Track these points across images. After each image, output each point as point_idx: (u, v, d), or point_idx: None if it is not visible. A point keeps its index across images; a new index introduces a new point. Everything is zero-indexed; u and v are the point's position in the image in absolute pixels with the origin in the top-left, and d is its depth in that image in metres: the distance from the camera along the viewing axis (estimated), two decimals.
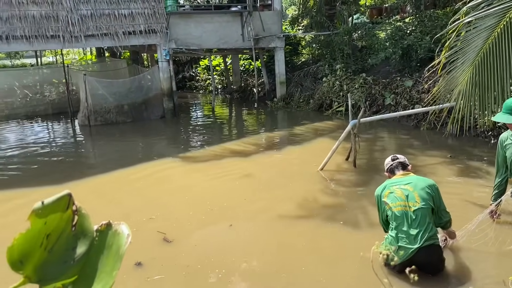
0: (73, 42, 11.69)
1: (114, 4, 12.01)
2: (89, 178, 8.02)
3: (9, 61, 28.35)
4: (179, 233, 5.19)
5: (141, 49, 17.11)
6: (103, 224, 1.21)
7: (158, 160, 9.07)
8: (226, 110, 16.85)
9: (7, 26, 10.94)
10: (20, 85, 16.30)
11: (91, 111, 12.94)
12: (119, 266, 1.13)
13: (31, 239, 1.07)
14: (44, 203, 1.08)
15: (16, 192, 7.45)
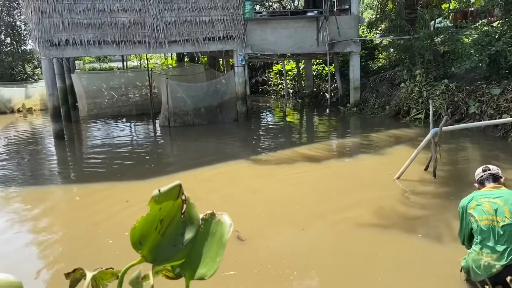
0: (157, 48, 12.46)
1: (196, 11, 12.60)
2: (168, 175, 8.48)
3: (98, 65, 30.80)
4: (252, 232, 5.31)
5: (218, 55, 17.74)
6: (208, 213, 1.32)
7: (231, 161, 9.34)
8: (298, 114, 16.88)
9: (99, 32, 11.93)
10: (108, 87, 17.67)
11: (171, 113, 13.67)
12: (222, 252, 1.22)
13: (148, 223, 1.20)
14: (161, 191, 1.21)
15: (104, 184, 8.12)
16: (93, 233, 5.66)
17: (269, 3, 22.25)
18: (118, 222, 6.00)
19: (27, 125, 16.68)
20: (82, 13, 11.64)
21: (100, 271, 1.36)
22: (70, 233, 5.82)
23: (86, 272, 1.34)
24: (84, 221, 6.16)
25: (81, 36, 11.67)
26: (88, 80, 17.54)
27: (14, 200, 7.59)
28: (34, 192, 8.03)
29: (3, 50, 23.67)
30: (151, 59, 28.36)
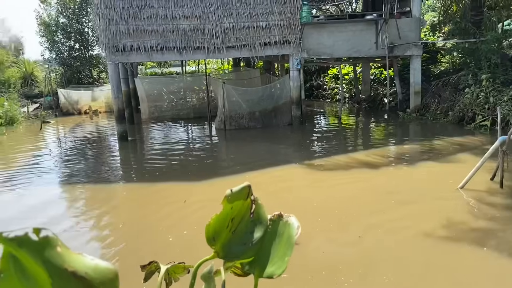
0: (215, 53, 12.79)
1: (254, 17, 12.80)
2: (223, 177, 8.67)
3: (159, 69, 32.08)
4: (306, 237, 5.29)
5: (274, 59, 17.86)
6: (276, 214, 1.36)
7: (285, 165, 9.37)
8: (353, 119, 16.57)
9: (162, 38, 12.45)
10: (167, 91, 18.37)
11: (227, 116, 13.96)
12: (290, 253, 1.26)
13: (221, 220, 1.26)
14: (232, 191, 1.27)
15: (163, 184, 8.45)
16: (154, 231, 5.92)
17: (326, 7, 22.07)
18: (177, 221, 6.23)
19: (93, 126, 17.74)
20: (146, 20, 12.22)
21: (173, 264, 1.44)
22: (132, 230, 6.12)
23: (160, 265, 1.43)
24: (145, 219, 6.45)
25: (145, 42, 12.25)
26: (150, 84, 18.33)
27: (80, 197, 8.11)
28: (98, 189, 8.53)
29: (72, 55, 25.33)
30: (209, 64, 29.09)
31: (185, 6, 12.37)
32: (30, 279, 0.80)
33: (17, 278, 0.80)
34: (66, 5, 24.49)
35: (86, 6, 24.51)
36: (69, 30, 24.78)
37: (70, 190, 8.64)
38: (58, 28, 24.75)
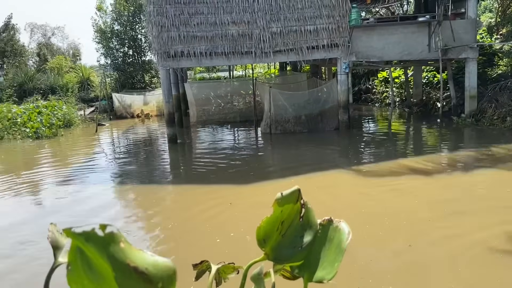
0: (262, 57, 12.89)
1: (301, 21, 12.78)
2: (269, 181, 8.70)
3: (207, 74, 32.80)
4: (354, 244, 5.16)
5: (321, 63, 17.72)
6: (325, 219, 1.36)
7: (331, 170, 9.25)
8: (404, 124, 16.06)
9: (211, 44, 12.73)
10: (215, 95, 18.73)
11: (272, 120, 14.00)
12: (341, 259, 1.25)
13: (271, 223, 1.28)
14: (283, 194, 1.28)
15: (209, 186, 8.61)
16: (202, 232, 6.04)
17: (376, 9, 21.61)
18: (223, 223, 6.33)
19: (145, 129, 18.41)
20: (196, 26, 12.54)
21: (223, 265, 1.48)
22: (181, 231, 6.28)
23: (211, 264, 1.47)
24: (193, 219, 6.61)
25: (194, 48, 12.57)
26: (198, 88, 18.78)
27: (131, 197, 8.44)
28: (149, 190, 8.83)
29: (126, 61, 26.45)
30: (255, 69, 29.35)
31: (233, 12, 12.58)
32: (95, 272, 0.85)
33: (83, 271, 0.86)
34: (121, 12, 25.64)
35: (139, 13, 25.54)
36: (123, 37, 25.92)
37: (123, 190, 9.02)
38: (113, 35, 25.95)
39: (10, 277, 5.05)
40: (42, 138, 16.32)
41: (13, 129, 17.00)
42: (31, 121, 17.33)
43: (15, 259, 5.56)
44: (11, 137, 16.59)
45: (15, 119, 17.59)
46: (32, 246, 5.92)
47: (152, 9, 12.33)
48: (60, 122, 18.29)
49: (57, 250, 1.05)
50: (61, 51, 31.47)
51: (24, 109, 18.92)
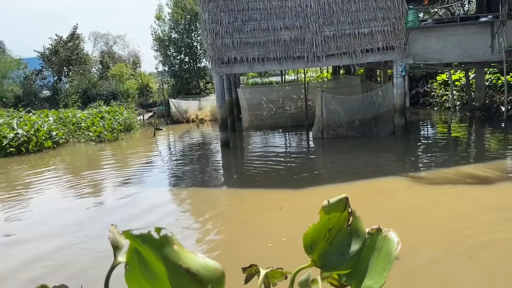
0: (315, 62, 12.82)
1: (355, 24, 12.57)
2: (319, 186, 8.63)
3: (259, 79, 33.10)
4: (409, 253, 5.01)
5: (376, 66, 17.31)
6: (374, 228, 1.35)
7: (386, 177, 8.98)
8: (465, 129, 15.25)
9: (263, 49, 12.86)
10: (267, 100, 18.87)
11: (324, 125, 13.86)
12: (389, 268, 1.24)
13: (318, 230, 1.30)
14: (330, 202, 1.29)
15: (260, 190, 8.68)
16: (253, 235, 6.11)
17: (434, 9, 20.77)
18: (275, 227, 6.36)
19: (199, 133, 18.92)
20: (249, 33, 12.73)
21: (272, 269, 1.51)
22: (232, 233, 6.39)
23: (260, 269, 1.50)
24: (244, 223, 6.70)
25: (247, 54, 12.76)
26: (251, 94, 19.02)
27: (185, 200, 8.71)
28: (202, 193, 9.07)
29: (183, 67, 27.37)
30: (307, 73, 29.19)
31: (286, 17, 12.64)
32: (150, 272, 0.92)
33: (140, 270, 0.92)
34: (178, 21, 26.59)
35: (195, 21, 26.35)
36: (180, 44, 26.85)
37: (177, 192, 9.33)
38: (171, 43, 26.97)
39: (69, 267, 5.40)
40: (104, 141, 17.26)
41: (77, 133, 18.14)
42: (94, 126, 18.40)
43: (75, 251, 5.94)
44: (75, 140, 17.71)
45: (79, 124, 18.78)
46: (92, 241, 6.29)
47: (207, 17, 12.68)
48: (121, 126, 19.26)
49: (117, 250, 1.14)
50: (122, 59, 33.17)
51: (88, 114, 20.16)
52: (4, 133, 15.40)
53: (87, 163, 13.73)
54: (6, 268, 5.67)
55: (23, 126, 16.20)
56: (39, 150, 15.66)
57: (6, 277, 5.44)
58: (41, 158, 14.71)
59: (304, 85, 15.69)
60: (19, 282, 5.27)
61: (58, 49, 28.93)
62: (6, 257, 6.08)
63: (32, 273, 5.45)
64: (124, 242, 1.10)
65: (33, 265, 5.72)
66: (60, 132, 17.15)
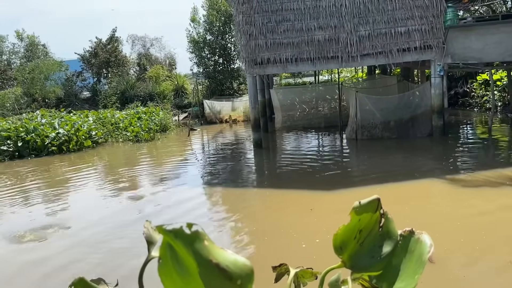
0: (349, 62, 12.65)
1: (392, 23, 12.32)
2: (352, 188, 8.52)
3: (293, 80, 32.97)
4: (445, 257, 4.87)
5: (413, 66, 16.87)
6: (406, 230, 1.33)
7: (422, 179, 8.77)
8: (507, 131, 14.62)
9: (297, 50, 12.81)
10: (300, 101, 18.77)
11: (358, 126, 13.64)
12: (421, 271, 1.21)
13: (349, 231, 1.29)
14: (361, 203, 1.28)
15: (292, 191, 8.65)
16: (286, 236, 6.11)
17: (475, 7, 20.03)
18: (307, 228, 6.33)
19: (232, 134, 19.09)
20: (283, 33, 12.72)
21: (302, 269, 1.51)
22: (264, 233, 6.41)
23: (290, 268, 1.51)
24: (276, 223, 6.71)
25: (280, 55, 12.76)
26: (283, 94, 18.99)
27: (217, 198, 8.83)
28: (234, 192, 9.16)
29: (217, 69, 27.68)
30: (341, 73, 28.82)
31: (320, 17, 12.54)
32: (182, 266, 0.95)
33: (172, 265, 0.95)
34: (213, 23, 26.92)
35: (229, 23, 26.59)
36: (214, 46, 27.18)
37: (210, 191, 9.47)
38: (205, 45, 27.35)
39: (103, 250, 5.58)
40: (141, 141, 17.73)
41: (116, 133, 18.71)
42: (132, 126, 18.93)
43: (110, 242, 6.13)
44: (114, 140, 18.28)
45: (117, 124, 19.36)
46: (126, 233, 6.48)
47: (241, 19, 12.78)
48: (157, 127, 19.71)
49: (151, 245, 1.17)
50: (158, 60, 33.89)
51: (126, 115, 20.75)
52: (46, 132, 16.11)
53: (125, 161, 14.15)
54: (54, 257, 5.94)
55: (64, 126, 16.88)
56: (79, 149, 16.27)
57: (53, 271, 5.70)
58: (81, 157, 15.28)
59: (338, 85, 15.50)
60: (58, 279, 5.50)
61: (97, 52, 29.94)
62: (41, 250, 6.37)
63: (73, 270, 5.68)
64: (157, 238, 1.14)
65: (73, 257, 5.96)
66: (99, 132, 17.75)
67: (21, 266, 5.80)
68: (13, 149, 15.54)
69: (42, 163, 14.25)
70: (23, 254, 6.30)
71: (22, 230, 7.22)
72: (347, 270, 1.34)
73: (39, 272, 5.60)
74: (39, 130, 16.17)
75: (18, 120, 18.48)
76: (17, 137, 15.81)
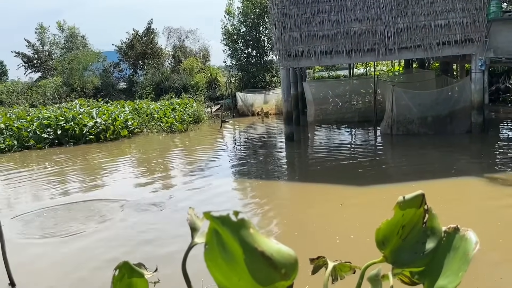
0: (386, 55, 12.36)
1: (431, 15, 11.92)
2: (385, 184, 8.35)
3: (326, 73, 32.56)
4: (482, 257, 4.71)
5: (452, 60, 16.30)
6: (451, 227, 1.30)
7: (459, 177, 8.51)
8: None
9: (331, 42, 12.62)
10: (333, 94, 18.50)
11: (394, 121, 13.34)
12: (466, 268, 1.19)
13: (391, 226, 1.28)
14: (405, 198, 1.27)
15: (322, 185, 8.59)
16: (320, 230, 6.09)
17: None
18: (339, 223, 6.27)
19: (264, 126, 19.11)
20: (318, 25, 12.56)
21: (340, 263, 1.51)
22: (296, 226, 6.41)
23: (328, 261, 1.51)
24: (309, 218, 6.69)
25: (315, 47, 12.61)
26: (317, 88, 18.77)
27: (248, 190, 8.88)
28: (265, 185, 9.18)
29: (250, 61, 27.71)
30: (377, 66, 28.20)
31: (357, 9, 12.30)
32: (228, 252, 0.97)
33: (218, 250, 0.98)
34: (247, 15, 26.91)
35: (264, 15, 26.50)
36: (248, 38, 27.18)
37: (241, 183, 9.55)
38: (239, 37, 27.39)
39: (141, 246, 5.75)
40: (174, 132, 18.04)
41: (150, 123, 19.12)
42: (166, 117, 19.28)
43: (144, 234, 6.32)
44: (148, 130, 18.69)
45: (152, 115, 19.77)
46: (161, 223, 6.65)
47: (276, 11, 12.70)
48: (190, 118, 19.99)
49: (194, 231, 1.20)
50: (192, 53, 34.24)
51: (161, 106, 21.15)
52: (84, 121, 16.65)
53: (159, 151, 14.45)
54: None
55: (101, 115, 17.39)
56: (115, 138, 16.74)
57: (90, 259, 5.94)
58: (118, 145, 15.73)
59: (374, 79, 15.19)
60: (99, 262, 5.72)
61: (134, 43, 30.56)
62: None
63: (111, 254, 5.89)
64: (200, 224, 1.17)
65: (113, 244, 6.18)
66: (135, 122, 18.19)
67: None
68: (53, 137, 16.18)
69: (84, 150, 14.77)
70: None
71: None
72: (387, 265, 1.33)
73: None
74: (77, 119, 16.75)
75: (58, 109, 19.17)
76: (57, 125, 16.43)
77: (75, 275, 5.28)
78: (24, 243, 6.48)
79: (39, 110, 19.66)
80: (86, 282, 5.09)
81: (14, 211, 8.17)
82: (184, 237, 5.30)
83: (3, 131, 16.35)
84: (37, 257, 5.96)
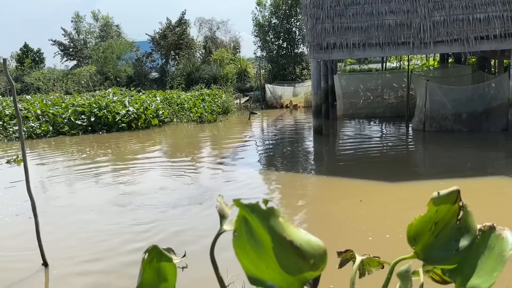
0: (421, 48, 11.99)
1: (470, 8, 11.48)
2: (414, 181, 8.19)
3: (358, 66, 32.02)
4: None
5: (490, 55, 15.69)
6: (487, 225, 1.25)
7: (493, 176, 8.28)
8: None
9: (365, 34, 12.36)
10: (364, 88, 18.19)
11: (427, 117, 13.00)
12: (501, 269, 1.14)
13: (424, 222, 1.24)
14: (440, 194, 1.23)
15: (346, 180, 8.48)
16: (347, 225, 6.04)
17: None
18: (367, 218, 6.20)
19: (292, 119, 19.03)
20: (351, 17, 12.33)
21: (368, 257, 1.49)
22: (323, 220, 6.38)
23: (356, 255, 1.49)
24: (334, 212, 6.64)
25: (347, 39, 12.39)
26: (347, 81, 18.50)
27: (274, 182, 8.89)
28: (292, 177, 9.16)
29: (280, 53, 27.56)
30: (411, 60, 27.50)
31: (392, 1, 11.99)
32: (256, 240, 0.97)
33: (246, 238, 0.98)
34: (279, 6, 26.72)
35: (295, 6, 26.25)
36: (279, 30, 27.02)
37: (268, 174, 9.56)
38: (270, 29, 27.26)
39: (165, 232, 5.87)
40: (204, 122, 18.23)
41: (181, 113, 19.38)
42: (196, 107, 19.49)
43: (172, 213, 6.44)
44: (178, 120, 18.95)
45: (183, 105, 20.03)
46: (188, 211, 6.76)
47: (309, 2, 12.55)
48: (220, 109, 20.14)
49: (223, 219, 1.21)
50: (223, 44, 34.36)
51: (191, 96, 21.39)
52: (117, 109, 17.05)
53: (189, 141, 14.66)
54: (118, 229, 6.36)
55: (133, 104, 17.76)
56: (147, 127, 17.07)
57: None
58: (149, 134, 16.04)
59: (408, 73, 14.82)
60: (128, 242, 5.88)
61: (166, 34, 30.94)
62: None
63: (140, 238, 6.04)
64: (229, 212, 1.17)
65: (141, 228, 6.33)
66: (165, 112, 18.48)
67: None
68: (86, 124, 16.65)
69: (117, 137, 15.16)
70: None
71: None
72: (418, 261, 1.29)
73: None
74: (110, 107, 17.16)
75: (92, 97, 19.70)
76: (91, 112, 16.90)
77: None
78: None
79: (74, 98, 20.27)
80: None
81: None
82: (211, 230, 5.41)
83: (39, 117, 16.96)
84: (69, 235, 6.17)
